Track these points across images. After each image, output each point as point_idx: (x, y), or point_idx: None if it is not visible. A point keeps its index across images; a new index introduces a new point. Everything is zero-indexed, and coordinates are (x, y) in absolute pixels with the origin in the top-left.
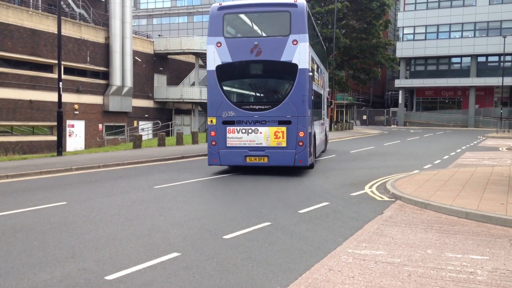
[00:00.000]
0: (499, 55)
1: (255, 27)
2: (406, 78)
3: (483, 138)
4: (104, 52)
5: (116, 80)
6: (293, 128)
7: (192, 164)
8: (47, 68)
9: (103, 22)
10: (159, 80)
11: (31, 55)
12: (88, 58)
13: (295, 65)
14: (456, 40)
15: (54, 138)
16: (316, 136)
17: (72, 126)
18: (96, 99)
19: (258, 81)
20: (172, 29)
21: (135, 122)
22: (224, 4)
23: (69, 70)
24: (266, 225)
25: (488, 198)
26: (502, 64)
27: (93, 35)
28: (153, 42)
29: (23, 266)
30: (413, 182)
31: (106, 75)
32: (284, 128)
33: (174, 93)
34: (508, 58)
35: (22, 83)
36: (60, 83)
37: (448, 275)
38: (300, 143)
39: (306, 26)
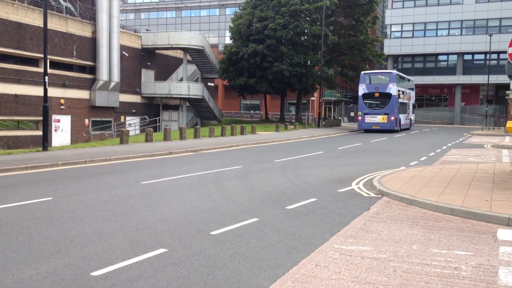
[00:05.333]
0: (485, 53)
1: (377, 79)
2: None
3: (469, 135)
4: (90, 46)
5: (103, 75)
6: (389, 116)
7: (180, 160)
8: (33, 62)
9: (90, 16)
10: (147, 75)
11: (16, 49)
12: (74, 52)
13: (390, 94)
14: (443, 38)
15: (40, 133)
16: (401, 120)
17: (58, 121)
18: (83, 94)
19: (377, 99)
20: (160, 23)
21: (122, 117)
22: (366, 71)
23: (55, 64)
24: (254, 221)
25: (473, 194)
26: (488, 62)
27: (79, 29)
28: (140, 36)
29: (8, 262)
30: (399, 179)
31: (92, 70)
32: (386, 116)
33: (162, 89)
34: (494, 56)
35: (7, 77)
36: (46, 78)
37: (433, 270)
38: (391, 121)
39: (395, 80)
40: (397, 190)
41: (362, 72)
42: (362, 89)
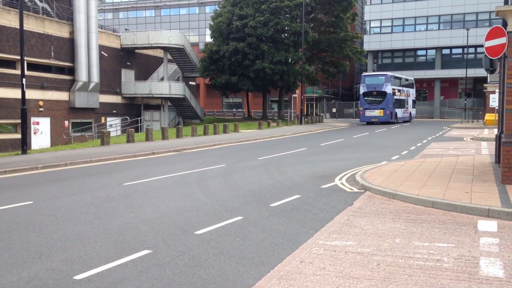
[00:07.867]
0: (463, 47)
1: (374, 80)
2: (374, 71)
3: (448, 128)
4: (69, 47)
5: (82, 76)
6: (385, 110)
7: (162, 160)
8: (10, 64)
9: (67, 16)
10: (127, 75)
11: None
12: (52, 54)
13: (386, 92)
14: (421, 33)
15: (19, 136)
16: (398, 114)
17: (37, 123)
18: (62, 95)
19: (374, 97)
20: (139, 23)
21: (103, 118)
22: (365, 74)
23: (32, 66)
24: (238, 219)
25: (454, 187)
26: (465, 56)
27: (57, 29)
28: (119, 36)
29: None
30: (381, 173)
31: (71, 71)
32: (382, 110)
33: (143, 88)
34: (471, 50)
35: None
36: (24, 80)
37: (415, 263)
38: (387, 115)
39: (390, 81)
40: (379, 184)
41: (362, 74)
42: (362, 88)
